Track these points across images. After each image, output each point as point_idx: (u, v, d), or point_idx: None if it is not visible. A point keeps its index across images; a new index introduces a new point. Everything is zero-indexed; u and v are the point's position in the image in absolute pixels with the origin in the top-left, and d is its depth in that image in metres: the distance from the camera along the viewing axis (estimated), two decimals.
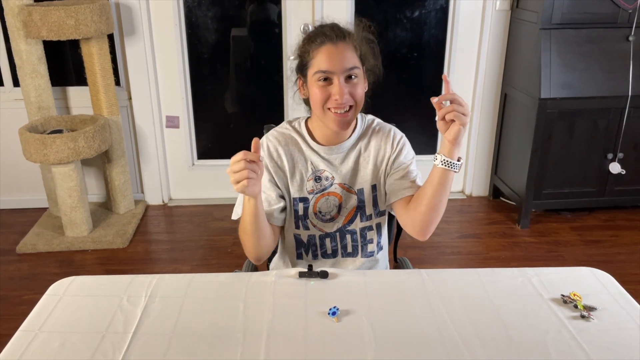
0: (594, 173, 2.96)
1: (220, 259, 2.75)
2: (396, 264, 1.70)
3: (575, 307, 1.20)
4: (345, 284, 1.30)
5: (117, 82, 3.08)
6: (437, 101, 1.22)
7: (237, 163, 1.14)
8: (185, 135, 3.26)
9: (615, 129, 2.86)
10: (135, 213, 3.16)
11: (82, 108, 3.10)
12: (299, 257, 1.50)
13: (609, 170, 2.92)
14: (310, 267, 1.33)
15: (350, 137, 1.43)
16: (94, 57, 2.79)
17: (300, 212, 1.43)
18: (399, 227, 1.68)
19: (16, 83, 3.02)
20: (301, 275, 1.31)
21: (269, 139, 1.44)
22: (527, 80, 2.88)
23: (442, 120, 1.22)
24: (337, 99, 1.29)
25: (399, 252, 1.75)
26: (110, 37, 2.95)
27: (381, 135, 1.44)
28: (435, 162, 1.27)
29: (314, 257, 1.49)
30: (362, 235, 1.47)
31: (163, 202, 3.37)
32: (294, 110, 3.19)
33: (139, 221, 3.11)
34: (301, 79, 1.38)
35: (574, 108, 2.79)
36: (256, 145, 1.17)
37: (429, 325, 1.15)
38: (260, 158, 1.16)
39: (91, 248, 2.84)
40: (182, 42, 3.07)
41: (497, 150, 3.31)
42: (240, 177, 1.14)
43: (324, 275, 1.31)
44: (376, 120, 1.49)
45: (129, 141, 3.20)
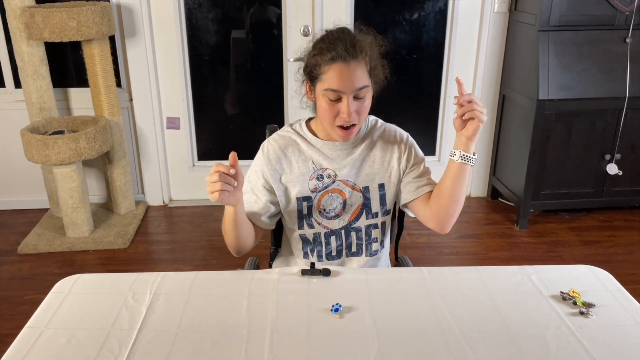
0: (591, 174, 2.98)
1: (221, 259, 2.76)
2: (397, 263, 1.71)
3: (574, 303, 1.22)
4: (348, 282, 1.32)
5: (118, 84, 3.09)
6: (457, 102, 1.25)
7: (212, 175, 1.18)
8: (185, 136, 3.27)
9: (612, 130, 2.88)
10: (136, 214, 3.17)
11: (83, 109, 3.11)
12: (305, 256, 1.51)
13: (606, 171, 2.94)
14: (313, 264, 1.35)
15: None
16: (96, 59, 2.81)
17: (305, 211, 1.45)
18: (400, 225, 1.70)
19: (18, 84, 3.04)
20: (304, 272, 1.33)
21: (269, 142, 1.47)
22: (525, 82, 2.90)
23: (460, 118, 1.26)
24: (344, 117, 1.32)
25: (398, 251, 1.76)
26: (112, 39, 2.97)
27: (387, 135, 1.47)
28: (453, 158, 1.32)
29: (319, 258, 1.50)
30: (367, 233, 1.48)
31: (164, 202, 3.38)
32: (294, 111, 3.21)
33: (140, 222, 3.13)
34: (309, 83, 1.38)
35: (571, 109, 2.82)
36: (233, 158, 1.20)
37: (431, 322, 1.17)
38: (232, 171, 1.19)
39: (92, 248, 2.85)
40: (183, 44, 3.09)
41: (496, 152, 3.33)
42: (214, 188, 1.17)
43: (326, 272, 1.33)
44: (380, 120, 1.51)
45: (129, 142, 3.21)
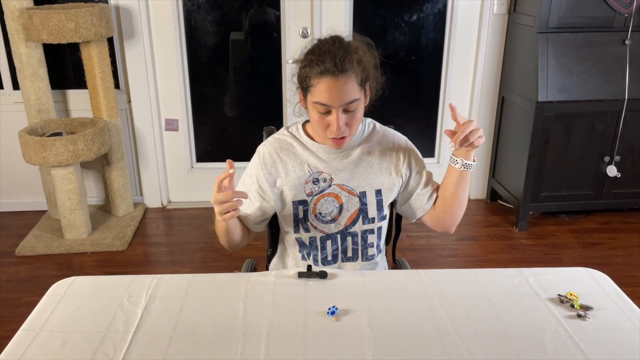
0: (591, 176, 2.97)
1: (219, 261, 2.75)
2: (394, 265, 1.71)
3: (572, 306, 1.21)
4: (344, 284, 1.31)
5: (117, 85, 3.09)
6: (455, 138, 1.27)
7: (223, 202, 1.21)
8: (184, 138, 3.27)
9: (611, 132, 2.88)
10: (134, 216, 3.16)
11: (81, 111, 3.11)
12: (303, 259, 1.51)
13: (605, 173, 2.94)
14: (310, 267, 1.34)
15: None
16: (94, 60, 2.81)
17: (300, 214, 1.44)
18: (398, 228, 1.69)
19: (16, 86, 3.03)
20: (300, 275, 1.33)
21: (265, 146, 1.46)
22: (525, 84, 2.90)
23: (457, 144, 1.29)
24: (334, 131, 1.32)
25: (396, 254, 1.76)
26: (110, 41, 2.97)
27: (385, 140, 1.46)
28: (456, 166, 1.36)
29: (315, 262, 1.49)
30: (363, 239, 1.48)
31: (162, 204, 3.38)
32: (292, 113, 3.20)
33: (138, 224, 3.12)
34: (302, 92, 1.38)
35: (571, 111, 2.81)
36: (230, 167, 1.21)
37: (428, 324, 1.16)
38: (231, 171, 1.21)
39: (90, 250, 2.84)
40: (182, 46, 3.08)
41: (495, 154, 3.33)
42: (227, 216, 1.23)
43: (323, 275, 1.32)
44: (378, 125, 1.50)
45: (128, 144, 3.21)
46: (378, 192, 1.44)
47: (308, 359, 1.06)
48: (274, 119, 3.27)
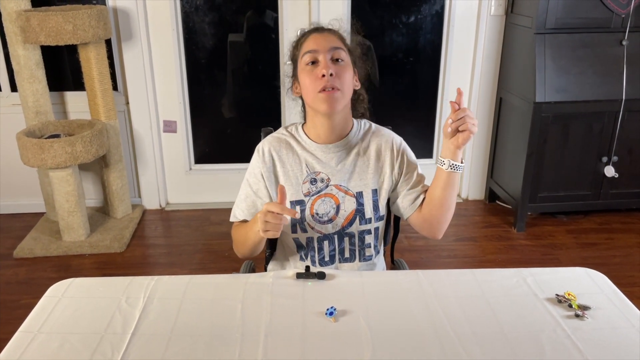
0: (589, 176, 2.98)
1: (217, 263, 2.75)
2: (393, 266, 1.71)
3: (570, 306, 1.21)
4: (342, 285, 1.31)
5: (115, 87, 3.09)
6: (454, 108, 1.25)
7: (266, 214, 1.21)
8: (182, 139, 3.27)
9: (609, 133, 2.88)
10: (132, 217, 3.16)
11: (79, 113, 3.11)
12: (301, 260, 1.51)
13: (603, 173, 2.94)
14: (308, 268, 1.34)
15: (347, 137, 1.44)
16: (92, 62, 2.80)
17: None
18: (396, 229, 1.69)
19: (14, 88, 3.03)
20: (298, 276, 1.32)
21: (264, 144, 1.47)
22: (522, 85, 2.90)
23: (453, 129, 1.27)
24: (323, 74, 1.33)
25: (395, 255, 1.76)
26: (108, 42, 2.97)
27: (380, 140, 1.47)
28: (442, 167, 1.33)
29: (312, 263, 1.49)
30: (361, 239, 1.47)
31: (160, 206, 3.37)
32: (290, 114, 3.20)
33: (137, 225, 3.12)
34: (295, 80, 1.44)
35: (568, 112, 2.82)
36: (282, 194, 1.24)
37: (426, 325, 1.16)
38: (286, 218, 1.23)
39: (88, 252, 2.84)
40: (180, 47, 3.08)
41: (493, 154, 3.33)
42: (270, 228, 1.23)
43: (321, 276, 1.32)
44: (373, 125, 1.51)
45: (126, 146, 3.21)
46: (374, 192, 1.45)
47: (306, 359, 1.06)
48: (272, 120, 3.28)
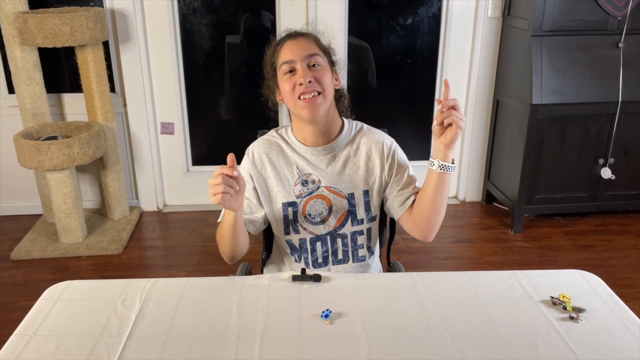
0: (585, 178, 2.99)
1: (215, 265, 2.75)
2: (389, 268, 1.71)
3: (564, 308, 1.22)
4: (338, 287, 1.31)
5: (112, 89, 3.09)
6: (440, 105, 1.24)
7: (215, 177, 1.18)
8: (180, 141, 3.27)
9: (606, 135, 2.89)
10: (130, 219, 3.16)
11: (77, 115, 3.10)
12: (296, 262, 1.51)
13: (600, 175, 2.95)
14: (304, 270, 1.34)
15: (336, 139, 1.45)
16: (89, 64, 2.80)
17: (290, 216, 1.45)
18: (392, 231, 1.70)
19: (11, 90, 3.03)
20: (294, 278, 1.33)
21: (254, 146, 1.47)
22: (519, 87, 2.91)
23: (439, 124, 1.25)
24: (301, 82, 1.33)
25: (392, 256, 1.76)
26: (106, 44, 2.97)
27: (370, 141, 1.46)
28: (432, 168, 1.31)
29: (306, 265, 1.49)
30: (353, 240, 1.48)
31: (158, 208, 3.37)
32: (287, 116, 3.21)
33: (134, 227, 3.12)
34: (277, 87, 1.44)
35: (565, 114, 2.83)
36: (231, 160, 1.20)
37: (421, 327, 1.16)
38: (236, 173, 1.18)
39: (86, 254, 2.84)
40: (177, 49, 3.09)
41: (490, 156, 3.34)
42: (216, 190, 1.18)
43: (317, 278, 1.32)
44: (365, 126, 1.51)
45: (124, 147, 3.21)
46: (365, 193, 1.45)
47: None
48: (269, 121, 3.27)
